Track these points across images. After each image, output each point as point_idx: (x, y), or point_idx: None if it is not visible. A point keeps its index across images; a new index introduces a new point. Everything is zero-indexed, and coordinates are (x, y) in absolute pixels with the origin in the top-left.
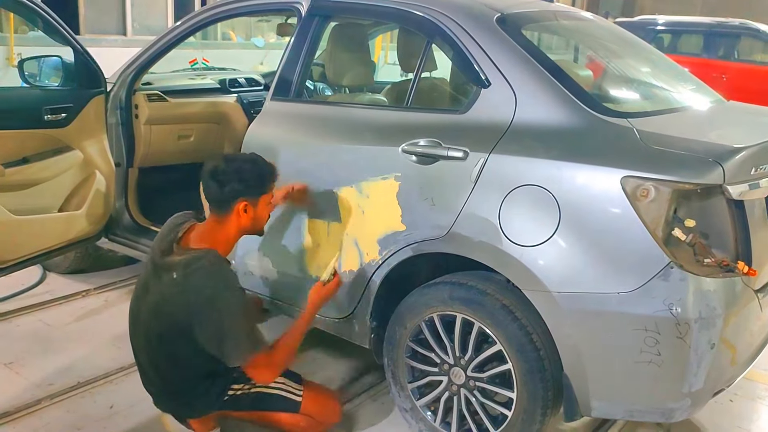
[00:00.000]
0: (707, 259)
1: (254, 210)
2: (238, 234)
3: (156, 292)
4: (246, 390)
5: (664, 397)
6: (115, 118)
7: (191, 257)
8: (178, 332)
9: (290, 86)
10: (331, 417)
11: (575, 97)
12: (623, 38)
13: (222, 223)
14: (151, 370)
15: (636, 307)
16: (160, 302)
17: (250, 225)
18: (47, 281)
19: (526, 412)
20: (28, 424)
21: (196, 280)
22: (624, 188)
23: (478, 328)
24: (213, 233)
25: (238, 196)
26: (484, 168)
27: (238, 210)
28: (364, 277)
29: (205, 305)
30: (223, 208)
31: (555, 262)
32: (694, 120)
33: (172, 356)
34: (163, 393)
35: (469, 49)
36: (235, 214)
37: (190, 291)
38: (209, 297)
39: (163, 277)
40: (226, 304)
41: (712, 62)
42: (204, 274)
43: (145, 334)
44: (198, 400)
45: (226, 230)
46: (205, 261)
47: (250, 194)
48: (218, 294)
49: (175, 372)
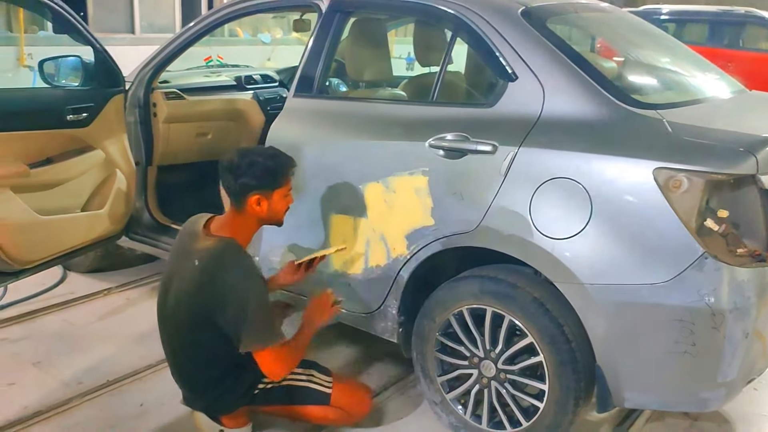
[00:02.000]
0: (740, 249)
1: (269, 203)
2: (256, 225)
3: (179, 280)
4: (276, 384)
5: (698, 387)
6: (134, 116)
7: (211, 245)
8: (201, 319)
9: (312, 83)
10: (360, 408)
11: (604, 89)
12: (643, 29)
13: (239, 215)
14: (179, 364)
15: (670, 298)
16: (182, 290)
17: (266, 217)
18: (68, 280)
19: (558, 404)
20: (60, 423)
21: (216, 267)
22: (656, 180)
23: (508, 322)
24: (232, 223)
25: (251, 190)
26: (513, 161)
27: (252, 203)
28: (391, 272)
29: (226, 291)
30: (239, 201)
31: (587, 254)
32: (721, 110)
33: (196, 347)
34: (192, 388)
35: (495, 42)
36: (249, 207)
37: (210, 277)
38: (230, 284)
39: (185, 264)
40: (246, 291)
41: (718, 51)
42: (223, 261)
43: (171, 326)
44: (226, 393)
45: (243, 221)
46: (225, 248)
47: (262, 188)
48: (238, 281)
49: (201, 364)
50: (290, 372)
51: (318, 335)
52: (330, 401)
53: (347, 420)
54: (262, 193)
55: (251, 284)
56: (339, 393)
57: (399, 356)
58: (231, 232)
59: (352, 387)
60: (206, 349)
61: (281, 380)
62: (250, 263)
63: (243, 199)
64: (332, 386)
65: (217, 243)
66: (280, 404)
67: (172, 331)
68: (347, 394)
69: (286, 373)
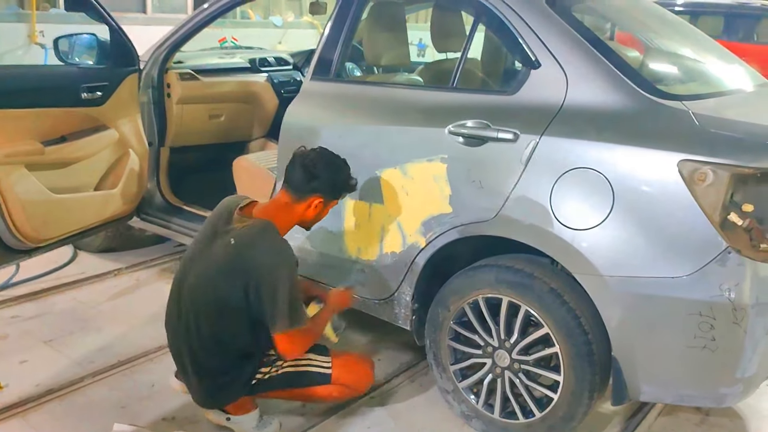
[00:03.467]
0: (763, 244)
1: (321, 210)
2: (297, 222)
3: (206, 260)
4: (274, 372)
5: (717, 382)
6: (147, 97)
7: (251, 225)
8: (225, 300)
9: (330, 66)
10: (364, 381)
11: (628, 79)
12: (667, 18)
13: (290, 206)
14: (187, 354)
15: (691, 292)
16: (211, 268)
17: (309, 219)
18: (78, 260)
19: (573, 395)
20: (73, 401)
21: (254, 246)
22: (681, 172)
23: (524, 311)
24: (279, 211)
25: (318, 193)
26: (535, 150)
27: (311, 203)
28: (407, 259)
29: (262, 271)
30: (299, 196)
31: (607, 245)
32: (746, 102)
33: (210, 332)
34: (199, 378)
35: (518, 29)
36: (305, 205)
37: (246, 255)
38: (266, 264)
39: (217, 243)
40: (280, 272)
41: (732, 44)
42: (263, 241)
43: (187, 310)
44: (232, 383)
45: (291, 213)
46: (265, 229)
47: (328, 195)
48: (274, 262)
49: (212, 350)
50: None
51: None
52: (331, 380)
53: (353, 393)
54: (326, 199)
55: (286, 267)
56: (339, 371)
57: (410, 344)
58: (273, 218)
59: (353, 362)
60: (220, 336)
61: (279, 369)
62: (287, 247)
63: (305, 196)
64: (332, 365)
65: (257, 223)
66: (282, 389)
67: (185, 318)
68: (348, 370)
69: (299, 355)
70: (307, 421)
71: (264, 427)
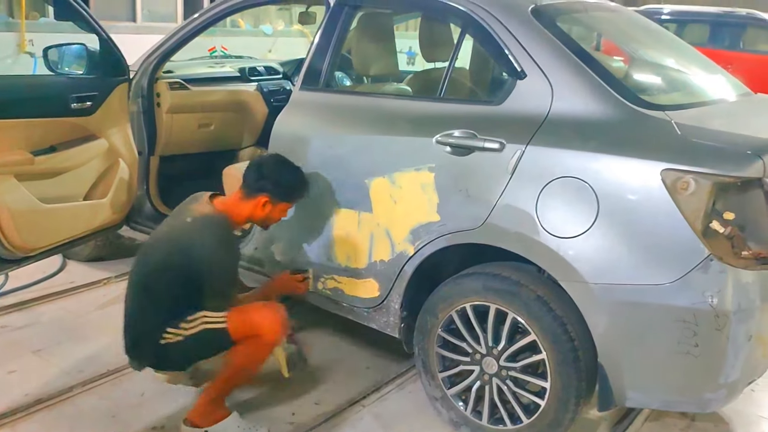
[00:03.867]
0: (744, 251)
1: (271, 209)
2: (248, 218)
3: (166, 228)
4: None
5: (701, 387)
6: (137, 106)
7: (209, 212)
8: (164, 265)
9: (319, 76)
10: (269, 326)
11: (613, 90)
12: (651, 29)
13: (242, 203)
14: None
15: (675, 299)
16: (165, 235)
17: (259, 217)
18: (67, 269)
19: (560, 401)
20: (62, 410)
21: (202, 229)
22: (664, 181)
23: (512, 319)
24: (234, 206)
25: (265, 191)
26: (521, 159)
27: (258, 201)
28: (395, 267)
29: (203, 253)
30: (249, 194)
31: (592, 253)
32: (728, 113)
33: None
34: (124, 330)
35: (504, 40)
36: (254, 203)
37: (194, 235)
38: (207, 246)
39: (178, 218)
40: (216, 257)
41: (718, 52)
42: (211, 227)
43: (139, 268)
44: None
45: (242, 209)
46: (218, 219)
47: (274, 196)
48: (213, 247)
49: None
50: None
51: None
52: (230, 336)
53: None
54: (272, 199)
55: (223, 253)
56: (236, 322)
57: (399, 352)
58: (229, 212)
59: (252, 309)
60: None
61: (182, 333)
62: (232, 239)
63: (254, 195)
64: (227, 318)
65: (214, 212)
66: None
67: (133, 277)
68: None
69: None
70: (296, 429)
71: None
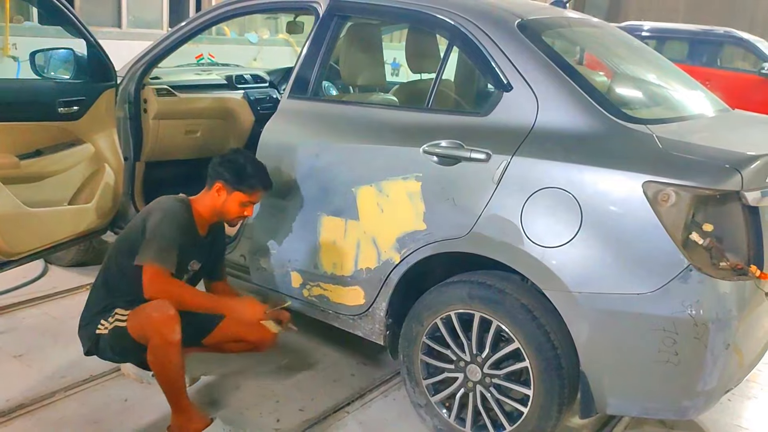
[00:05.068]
0: (722, 262)
1: (226, 197)
2: (211, 210)
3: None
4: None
5: (680, 395)
6: (123, 112)
7: (170, 196)
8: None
9: (307, 85)
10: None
11: (596, 103)
12: (633, 45)
13: (205, 195)
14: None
15: (655, 308)
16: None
17: (218, 207)
18: (49, 274)
19: (543, 409)
20: (45, 416)
21: (154, 204)
22: (646, 193)
23: (496, 327)
24: (198, 198)
25: (219, 178)
26: (507, 170)
27: (214, 189)
28: (381, 275)
29: (148, 219)
30: (209, 183)
31: (576, 263)
32: (707, 127)
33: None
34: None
35: (491, 53)
36: (212, 191)
37: (147, 209)
38: (153, 211)
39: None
40: (158, 217)
41: (696, 69)
42: (161, 201)
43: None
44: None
45: (205, 200)
46: (172, 198)
47: (227, 181)
48: (157, 211)
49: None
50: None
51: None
52: (129, 330)
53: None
54: (226, 185)
55: (164, 217)
56: (132, 321)
57: (382, 360)
58: (195, 201)
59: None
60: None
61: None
62: (179, 210)
63: (212, 182)
64: (127, 317)
65: (175, 196)
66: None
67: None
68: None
69: (154, 295)
70: None
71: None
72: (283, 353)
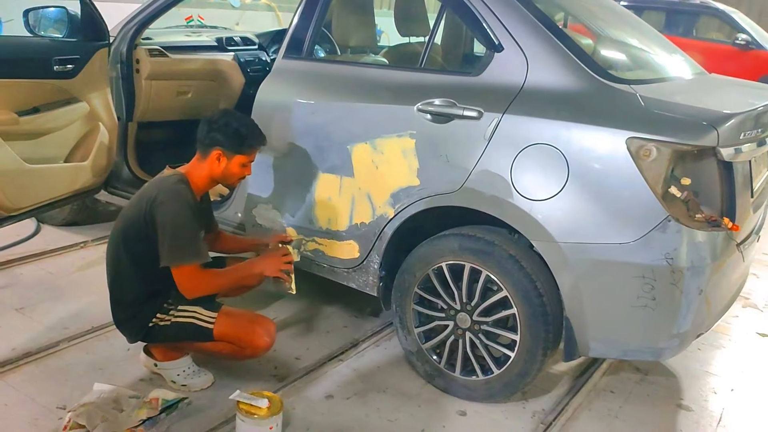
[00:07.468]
0: (698, 214)
1: (227, 163)
2: (209, 177)
3: (133, 198)
4: (167, 322)
5: (656, 337)
6: (116, 72)
7: (165, 175)
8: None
9: (302, 45)
10: (253, 341)
11: (584, 64)
12: (617, 10)
13: (199, 164)
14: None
15: (636, 257)
16: (130, 204)
17: (219, 174)
18: (42, 233)
19: (529, 353)
20: (50, 364)
21: (156, 187)
22: (629, 148)
23: (485, 277)
24: (193, 168)
25: (216, 145)
26: (498, 127)
27: (213, 157)
28: (375, 229)
29: (155, 209)
30: (204, 151)
31: (562, 215)
32: (686, 88)
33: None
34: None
35: (483, 15)
36: (210, 160)
37: (149, 194)
38: (159, 201)
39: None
40: (173, 213)
41: (673, 39)
42: (163, 184)
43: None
44: (129, 320)
45: (201, 170)
46: (171, 177)
47: (227, 148)
48: (166, 201)
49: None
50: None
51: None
52: (213, 337)
53: (240, 353)
54: (225, 152)
55: (176, 206)
56: (223, 328)
57: (374, 312)
58: (189, 174)
59: (243, 320)
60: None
61: (170, 319)
62: (184, 192)
63: (207, 151)
64: (215, 322)
65: (170, 173)
66: (174, 341)
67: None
68: (234, 329)
69: (197, 294)
70: (279, 381)
71: (193, 377)
72: (276, 310)
